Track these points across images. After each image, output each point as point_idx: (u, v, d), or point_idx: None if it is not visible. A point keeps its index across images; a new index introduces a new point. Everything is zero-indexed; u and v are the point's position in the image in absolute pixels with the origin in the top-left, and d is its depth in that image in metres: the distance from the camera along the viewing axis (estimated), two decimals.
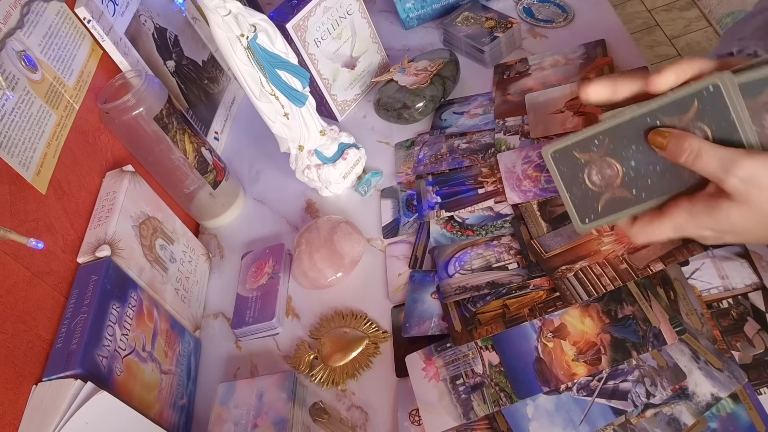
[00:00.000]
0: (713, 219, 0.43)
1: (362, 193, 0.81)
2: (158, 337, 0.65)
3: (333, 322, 0.69)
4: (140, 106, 0.70)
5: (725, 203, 0.42)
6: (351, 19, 0.87)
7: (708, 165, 0.42)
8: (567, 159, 0.48)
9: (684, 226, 0.45)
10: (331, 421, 0.56)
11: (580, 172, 0.48)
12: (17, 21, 0.64)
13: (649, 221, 0.47)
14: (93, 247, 0.63)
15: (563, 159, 0.48)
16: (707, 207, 0.43)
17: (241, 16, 0.65)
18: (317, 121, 0.77)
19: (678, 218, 0.45)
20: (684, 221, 0.45)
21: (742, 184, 0.40)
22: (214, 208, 0.85)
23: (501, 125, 0.78)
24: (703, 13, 2.14)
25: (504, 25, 0.87)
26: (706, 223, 0.44)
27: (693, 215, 0.44)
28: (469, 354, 0.58)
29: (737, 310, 0.53)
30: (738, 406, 0.49)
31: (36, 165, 0.62)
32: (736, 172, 0.40)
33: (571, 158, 0.48)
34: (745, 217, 0.42)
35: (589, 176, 0.47)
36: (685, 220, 0.45)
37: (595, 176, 0.47)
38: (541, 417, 0.53)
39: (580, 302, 0.56)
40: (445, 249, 0.68)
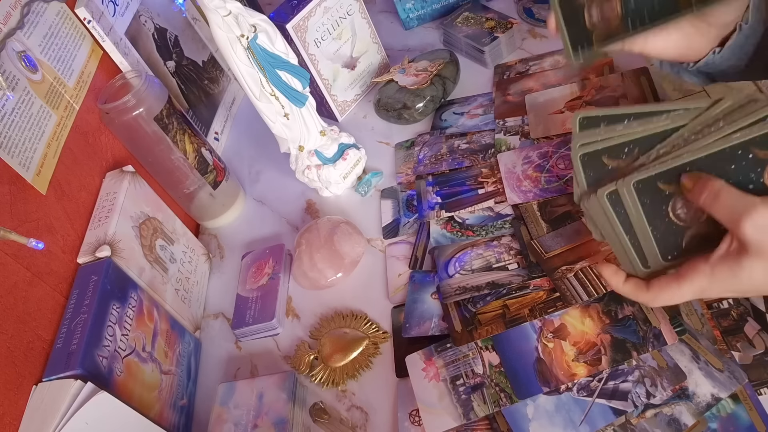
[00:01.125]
0: (737, 279, 0.41)
1: (362, 193, 0.81)
2: (158, 337, 0.65)
3: (333, 323, 0.69)
4: (140, 106, 0.70)
5: (746, 260, 0.40)
6: (351, 20, 0.87)
7: (723, 208, 0.40)
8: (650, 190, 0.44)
9: (705, 290, 0.43)
10: (331, 422, 0.56)
11: (663, 204, 0.45)
12: (17, 21, 0.64)
13: (666, 285, 0.45)
14: (93, 247, 0.63)
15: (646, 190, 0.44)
16: (729, 267, 0.41)
17: (242, 17, 0.65)
18: (317, 122, 0.77)
19: (699, 281, 0.43)
20: (706, 285, 0.43)
21: (756, 232, 0.39)
22: (214, 209, 0.85)
23: (501, 125, 0.78)
24: None
25: (504, 25, 0.87)
26: (730, 284, 0.42)
27: (715, 278, 0.42)
28: (469, 354, 0.58)
29: (737, 310, 0.53)
30: (738, 406, 0.49)
31: (36, 165, 0.62)
32: (753, 217, 0.39)
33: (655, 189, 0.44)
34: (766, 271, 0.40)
35: (673, 209, 0.45)
36: (707, 284, 0.43)
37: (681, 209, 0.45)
38: (541, 417, 0.53)
39: (581, 302, 0.56)
40: (445, 249, 0.68)
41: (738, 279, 0.41)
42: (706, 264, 0.42)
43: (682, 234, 0.45)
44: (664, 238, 0.46)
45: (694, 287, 0.43)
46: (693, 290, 0.44)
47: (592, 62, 0.49)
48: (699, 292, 0.44)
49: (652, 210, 0.45)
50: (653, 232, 0.45)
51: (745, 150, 0.41)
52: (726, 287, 0.42)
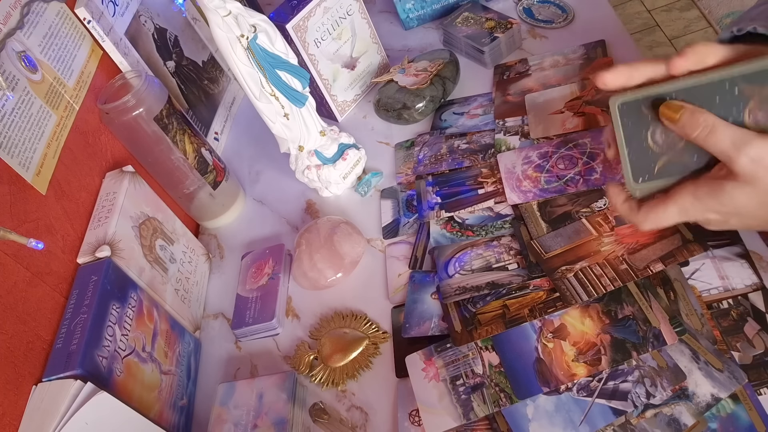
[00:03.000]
0: (717, 201, 0.43)
1: (362, 193, 0.81)
2: (158, 337, 0.65)
3: (333, 323, 0.69)
4: (140, 106, 0.70)
5: (730, 184, 0.42)
6: (351, 20, 0.87)
7: (720, 142, 0.42)
8: (634, 113, 0.46)
9: (689, 209, 0.45)
10: (331, 422, 0.56)
11: (644, 128, 0.46)
12: (17, 21, 0.64)
13: (654, 205, 0.47)
14: (93, 247, 0.63)
15: (630, 112, 0.46)
16: (711, 189, 0.43)
17: (241, 17, 0.65)
18: (317, 122, 0.77)
19: (683, 201, 0.45)
20: (689, 204, 0.45)
21: (751, 163, 0.40)
22: (214, 209, 0.85)
23: (501, 126, 0.78)
24: (703, 13, 2.14)
25: (504, 25, 0.87)
26: (711, 205, 0.44)
27: (697, 197, 0.44)
28: (469, 354, 0.58)
29: (737, 310, 0.53)
30: (738, 406, 0.49)
31: (36, 165, 0.62)
32: (748, 151, 0.40)
33: (639, 113, 0.46)
34: (750, 198, 0.42)
35: (653, 135, 0.46)
36: (690, 202, 0.45)
37: (659, 136, 0.46)
38: (541, 417, 0.53)
39: (580, 303, 0.56)
40: (445, 249, 0.68)
41: (719, 201, 0.43)
42: (692, 184, 0.44)
43: (657, 159, 0.47)
44: (638, 159, 0.47)
45: (679, 205, 0.45)
46: (678, 209, 0.45)
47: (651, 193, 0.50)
48: (683, 211, 0.45)
49: (632, 132, 0.46)
50: (629, 153, 0.47)
51: (732, 84, 0.43)
52: (707, 207, 0.44)
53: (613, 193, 0.51)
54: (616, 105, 0.46)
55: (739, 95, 0.43)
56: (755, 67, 0.42)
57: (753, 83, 0.42)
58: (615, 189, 0.51)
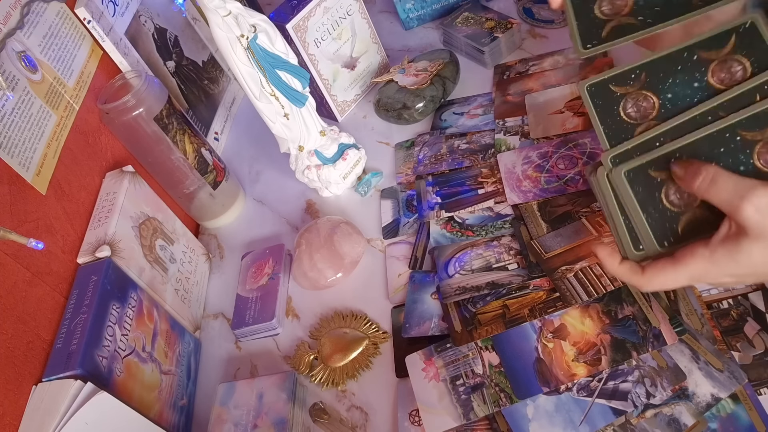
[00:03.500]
0: (735, 262, 0.40)
1: (362, 193, 0.81)
2: (158, 337, 0.65)
3: (333, 323, 0.69)
4: (140, 106, 0.70)
5: (745, 242, 0.39)
6: (351, 20, 0.87)
7: (722, 192, 0.40)
8: (602, 92, 0.47)
9: (703, 275, 0.42)
10: (331, 422, 0.56)
11: (615, 105, 0.46)
12: (17, 21, 0.64)
13: (662, 269, 0.44)
14: (93, 247, 0.63)
15: (598, 92, 0.47)
16: (728, 250, 0.40)
17: (241, 17, 0.65)
18: (317, 122, 0.77)
19: (696, 267, 0.42)
20: (703, 269, 0.42)
21: (756, 213, 0.38)
22: (214, 209, 0.85)
23: (501, 126, 0.78)
24: None
25: (504, 25, 0.87)
26: (729, 268, 0.41)
27: (714, 263, 0.41)
28: (469, 354, 0.58)
29: (737, 310, 0.53)
30: (738, 406, 0.49)
31: (36, 165, 0.62)
32: (752, 199, 0.38)
33: (607, 91, 0.47)
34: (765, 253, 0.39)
35: (624, 108, 0.46)
36: (705, 268, 0.42)
37: (631, 108, 0.46)
38: (541, 417, 0.53)
39: (581, 303, 0.56)
40: (445, 249, 0.68)
41: (737, 262, 0.40)
42: (705, 248, 0.42)
43: (677, 220, 0.45)
44: (660, 224, 0.45)
45: (692, 272, 0.43)
46: (690, 275, 0.43)
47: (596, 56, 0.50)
48: (696, 277, 0.43)
49: (645, 197, 0.45)
50: (647, 219, 0.45)
51: (732, 133, 0.42)
52: (724, 271, 0.41)
53: (604, 255, 0.48)
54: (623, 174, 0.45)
55: (743, 141, 0.42)
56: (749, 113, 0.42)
57: (752, 129, 0.42)
58: (605, 251, 0.48)
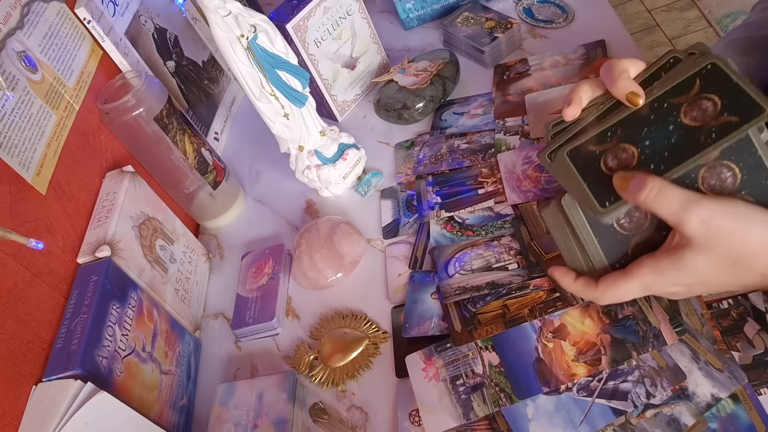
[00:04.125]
0: (680, 272, 0.42)
1: (362, 193, 0.81)
2: (158, 337, 0.65)
3: (333, 323, 0.69)
4: (140, 106, 0.70)
5: (689, 252, 0.41)
6: (351, 20, 0.87)
7: (669, 204, 0.41)
8: (582, 154, 0.48)
9: (651, 284, 0.45)
10: (331, 422, 0.56)
11: (596, 162, 0.48)
12: (17, 21, 0.64)
13: (613, 282, 0.46)
14: (93, 247, 0.63)
15: (578, 155, 0.48)
16: (672, 260, 0.42)
17: (241, 17, 0.65)
18: (317, 122, 0.77)
19: (644, 277, 0.44)
20: (651, 279, 0.44)
21: (702, 225, 0.40)
22: (214, 209, 0.85)
23: (501, 125, 0.78)
24: (703, 13, 2.14)
25: (504, 25, 0.87)
26: (674, 277, 0.43)
27: (658, 272, 0.43)
28: (469, 354, 0.58)
29: (737, 310, 0.53)
30: (738, 406, 0.49)
31: (36, 165, 0.62)
32: (697, 210, 0.40)
33: (587, 152, 0.48)
34: (711, 264, 0.41)
35: (605, 163, 0.47)
36: (652, 278, 0.44)
37: (612, 161, 0.47)
38: (541, 417, 0.53)
39: (582, 303, 0.56)
40: (445, 249, 0.68)
41: (681, 272, 0.42)
42: (651, 258, 0.44)
43: (628, 242, 0.48)
44: (611, 247, 0.48)
45: (640, 282, 0.45)
46: (639, 285, 0.45)
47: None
48: (645, 287, 0.45)
49: (596, 222, 0.48)
50: (600, 243, 0.48)
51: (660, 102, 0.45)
52: (671, 281, 0.43)
53: (559, 275, 0.51)
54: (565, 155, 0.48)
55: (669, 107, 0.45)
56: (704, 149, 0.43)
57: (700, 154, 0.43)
58: (559, 271, 0.51)
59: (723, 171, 0.43)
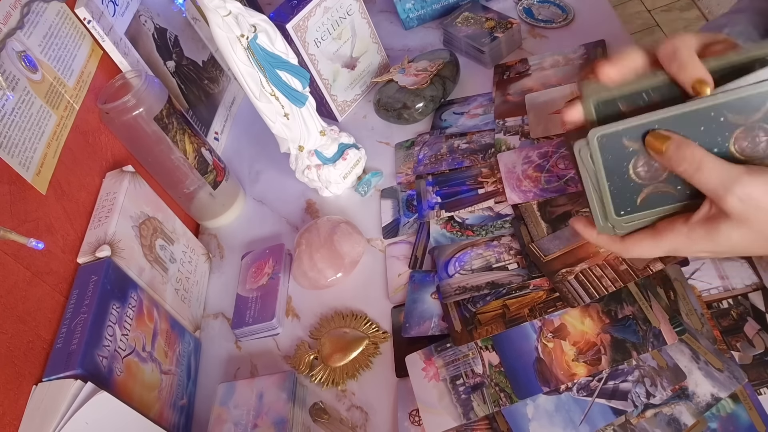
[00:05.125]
0: (713, 242, 0.42)
1: (362, 193, 0.81)
2: (158, 337, 0.65)
3: (333, 323, 0.69)
4: (140, 106, 0.70)
5: (725, 225, 0.41)
6: (351, 20, 0.87)
7: (709, 180, 0.40)
8: (614, 146, 0.43)
9: (680, 249, 0.44)
10: (331, 422, 0.56)
11: (625, 161, 0.44)
12: (17, 21, 0.64)
13: (641, 239, 0.46)
14: (93, 247, 0.63)
15: (610, 145, 0.43)
16: (707, 230, 0.42)
17: (241, 17, 0.65)
18: (317, 122, 0.77)
19: (675, 241, 0.44)
20: (681, 244, 0.44)
21: (741, 203, 0.39)
22: (214, 209, 0.85)
23: (501, 125, 0.78)
24: (703, 13, 2.14)
25: (504, 25, 0.87)
26: (706, 246, 0.43)
27: (692, 239, 0.43)
28: (469, 354, 0.58)
29: (737, 310, 0.53)
30: (738, 406, 0.49)
31: (36, 165, 0.62)
32: (736, 190, 0.39)
33: (619, 145, 0.43)
34: (744, 237, 0.41)
35: (634, 167, 0.44)
36: (683, 243, 0.44)
37: (641, 167, 0.44)
38: (541, 417, 0.53)
39: (582, 304, 0.56)
40: (445, 249, 0.68)
41: (714, 242, 0.42)
42: (684, 225, 0.43)
43: (639, 191, 0.45)
44: (620, 193, 0.45)
45: (670, 245, 0.44)
46: (668, 247, 0.44)
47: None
48: (674, 249, 0.45)
49: (613, 165, 0.44)
50: (610, 187, 0.45)
51: (718, 113, 0.41)
52: (701, 248, 0.43)
53: (582, 226, 0.49)
54: (596, 138, 0.43)
55: (725, 123, 0.41)
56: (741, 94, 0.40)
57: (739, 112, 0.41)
58: (582, 222, 0.49)
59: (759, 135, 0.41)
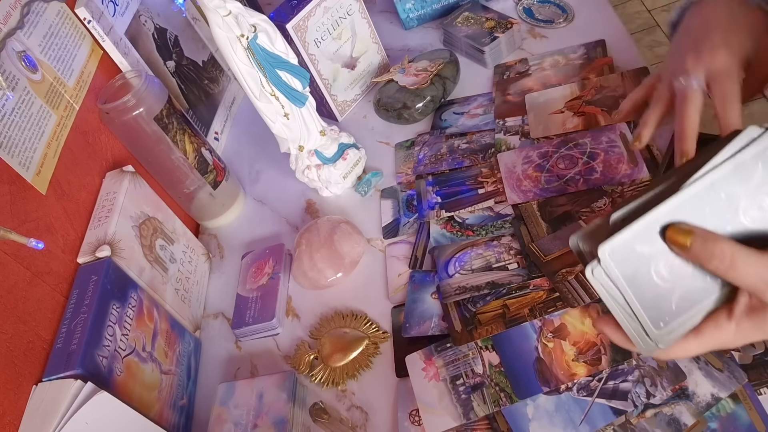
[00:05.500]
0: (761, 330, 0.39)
1: (362, 193, 0.81)
2: (158, 337, 0.65)
3: (333, 323, 0.69)
4: (140, 106, 0.70)
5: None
6: (351, 20, 0.87)
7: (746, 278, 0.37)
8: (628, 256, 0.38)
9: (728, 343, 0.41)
10: (331, 422, 0.56)
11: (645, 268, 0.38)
12: (17, 21, 0.64)
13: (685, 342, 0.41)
14: (93, 247, 0.63)
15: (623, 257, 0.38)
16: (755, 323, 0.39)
17: (241, 17, 0.65)
18: (317, 122, 0.77)
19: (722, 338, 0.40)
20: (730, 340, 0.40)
21: None
22: (214, 209, 0.85)
23: (501, 125, 0.78)
24: None
25: (504, 25, 0.87)
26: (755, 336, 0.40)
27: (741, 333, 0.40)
28: (469, 354, 0.58)
29: None
30: (738, 406, 0.49)
31: (36, 165, 0.62)
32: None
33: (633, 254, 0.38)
34: None
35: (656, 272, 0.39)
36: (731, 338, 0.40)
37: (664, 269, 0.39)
38: (541, 417, 0.53)
39: (582, 304, 0.56)
40: (445, 249, 0.68)
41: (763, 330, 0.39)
42: (729, 321, 0.40)
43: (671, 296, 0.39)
44: (654, 305, 0.39)
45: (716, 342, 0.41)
46: (714, 345, 0.41)
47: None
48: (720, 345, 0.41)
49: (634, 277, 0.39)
50: (640, 302, 0.39)
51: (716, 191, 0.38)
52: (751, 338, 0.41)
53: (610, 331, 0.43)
54: (606, 254, 0.37)
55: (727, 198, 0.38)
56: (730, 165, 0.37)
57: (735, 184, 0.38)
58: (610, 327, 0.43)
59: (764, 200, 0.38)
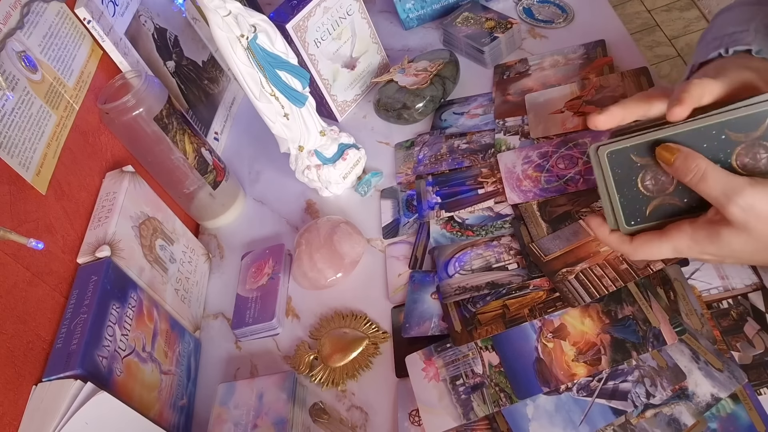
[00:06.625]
0: (715, 245, 0.45)
1: (362, 193, 0.81)
2: (158, 337, 0.65)
3: (333, 323, 0.69)
4: (140, 106, 0.70)
5: (726, 231, 0.43)
6: (351, 20, 0.87)
7: (712, 189, 0.43)
8: (622, 161, 0.48)
9: (684, 249, 0.47)
10: (331, 422, 0.56)
11: (633, 175, 0.48)
12: (17, 21, 0.64)
13: (648, 240, 0.48)
14: (93, 247, 0.63)
15: (618, 160, 0.48)
16: (710, 234, 0.45)
17: (241, 17, 0.65)
18: (317, 122, 0.77)
19: (679, 242, 0.46)
20: (685, 246, 0.46)
21: (742, 212, 0.42)
22: (214, 209, 0.85)
23: (501, 125, 0.78)
24: (703, 13, 2.14)
25: (504, 25, 0.87)
26: (708, 249, 0.46)
27: (696, 241, 0.46)
28: (469, 354, 0.58)
29: (737, 310, 0.53)
30: (738, 406, 0.49)
31: (36, 165, 0.62)
32: (738, 200, 0.42)
33: (628, 161, 0.48)
34: (745, 244, 0.43)
35: (642, 180, 0.48)
36: (687, 245, 0.46)
37: (649, 181, 0.48)
38: (541, 417, 0.53)
39: (582, 304, 0.56)
40: (445, 249, 0.68)
41: (716, 245, 0.45)
42: (690, 227, 0.46)
43: (647, 203, 0.49)
44: (630, 205, 0.49)
45: (675, 245, 0.47)
46: (673, 247, 0.47)
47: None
48: (677, 251, 0.47)
49: (622, 179, 0.48)
50: (620, 199, 0.49)
51: (719, 131, 0.44)
52: (704, 250, 0.46)
53: (596, 225, 0.52)
54: (605, 154, 0.48)
55: (727, 140, 0.44)
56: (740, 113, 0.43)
57: (739, 130, 0.44)
58: (596, 221, 0.52)
59: (760, 152, 0.44)
